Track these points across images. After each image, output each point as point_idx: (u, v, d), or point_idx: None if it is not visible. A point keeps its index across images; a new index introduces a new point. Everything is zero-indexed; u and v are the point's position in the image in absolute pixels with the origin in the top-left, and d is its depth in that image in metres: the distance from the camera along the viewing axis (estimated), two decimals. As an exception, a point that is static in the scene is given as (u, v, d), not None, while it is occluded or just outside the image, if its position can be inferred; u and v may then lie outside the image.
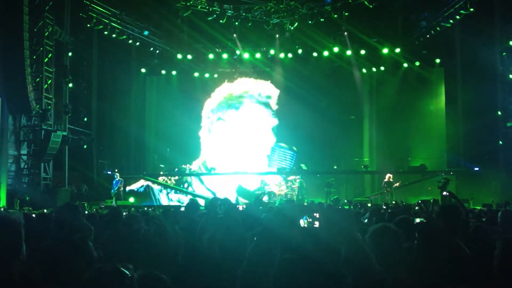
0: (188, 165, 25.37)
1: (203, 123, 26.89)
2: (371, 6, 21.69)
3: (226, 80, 27.11)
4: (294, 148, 25.58)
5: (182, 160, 25.50)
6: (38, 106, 20.41)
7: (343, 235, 2.69)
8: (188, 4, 22.73)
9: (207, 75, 27.00)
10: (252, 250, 2.81)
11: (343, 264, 2.52)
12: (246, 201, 20.82)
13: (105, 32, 22.90)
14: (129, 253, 3.84)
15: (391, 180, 21.87)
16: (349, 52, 24.64)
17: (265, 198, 19.38)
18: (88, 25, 22.27)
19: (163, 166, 25.26)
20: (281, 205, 14.49)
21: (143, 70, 26.72)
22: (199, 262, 3.94)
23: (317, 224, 2.83)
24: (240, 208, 9.79)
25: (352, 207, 16.43)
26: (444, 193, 19.88)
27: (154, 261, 3.64)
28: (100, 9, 22.27)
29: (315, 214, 2.86)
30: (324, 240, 2.57)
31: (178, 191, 24.39)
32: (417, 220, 6.17)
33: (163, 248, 4.00)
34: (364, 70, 25.77)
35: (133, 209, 16.93)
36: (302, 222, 2.90)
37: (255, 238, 2.99)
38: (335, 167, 23.57)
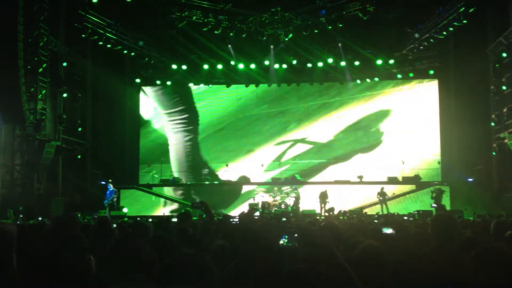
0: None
1: (202, 132, 26.99)
2: (365, 18, 21.89)
3: (223, 90, 27.15)
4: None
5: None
6: (32, 116, 20.36)
7: (322, 254, 2.68)
8: (183, 15, 22.83)
9: (202, 85, 27.01)
10: (228, 271, 2.79)
11: (324, 283, 2.51)
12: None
13: (100, 43, 22.92)
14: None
15: (384, 191, 21.93)
16: (343, 63, 24.79)
17: (256, 214, 19.27)
18: (83, 36, 22.30)
19: (157, 176, 25.27)
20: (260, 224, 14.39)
21: (137, 80, 26.69)
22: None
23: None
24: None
25: (345, 217, 16.45)
26: (433, 205, 20.07)
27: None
28: (95, 19, 22.31)
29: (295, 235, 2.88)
30: (302, 259, 2.56)
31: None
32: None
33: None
34: (358, 81, 25.90)
35: (126, 219, 16.88)
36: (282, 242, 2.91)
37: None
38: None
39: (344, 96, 26.23)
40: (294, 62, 25.22)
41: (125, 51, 24.15)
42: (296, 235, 2.93)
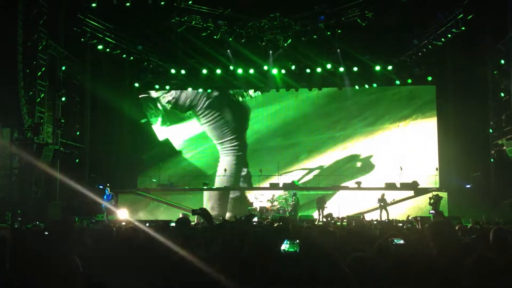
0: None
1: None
2: (363, 24, 21.90)
3: (222, 94, 27.30)
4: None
5: (174, 174, 25.71)
6: (30, 120, 20.33)
7: (322, 258, 2.68)
8: (182, 19, 22.80)
9: (200, 90, 27.06)
10: (229, 280, 2.79)
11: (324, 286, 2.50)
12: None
13: (99, 47, 22.92)
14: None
15: (384, 197, 21.90)
16: (341, 69, 24.86)
17: (255, 220, 19.27)
18: (82, 40, 22.29)
19: (155, 180, 25.25)
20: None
21: (136, 84, 26.70)
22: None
23: None
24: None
25: (343, 223, 16.39)
26: (431, 211, 20.07)
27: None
28: (94, 23, 22.31)
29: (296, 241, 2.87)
30: (303, 263, 2.56)
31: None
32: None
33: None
34: (356, 87, 25.99)
35: (123, 223, 16.84)
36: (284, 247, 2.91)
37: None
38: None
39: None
40: (293, 67, 25.30)
41: (124, 55, 24.16)
42: (297, 240, 2.93)
